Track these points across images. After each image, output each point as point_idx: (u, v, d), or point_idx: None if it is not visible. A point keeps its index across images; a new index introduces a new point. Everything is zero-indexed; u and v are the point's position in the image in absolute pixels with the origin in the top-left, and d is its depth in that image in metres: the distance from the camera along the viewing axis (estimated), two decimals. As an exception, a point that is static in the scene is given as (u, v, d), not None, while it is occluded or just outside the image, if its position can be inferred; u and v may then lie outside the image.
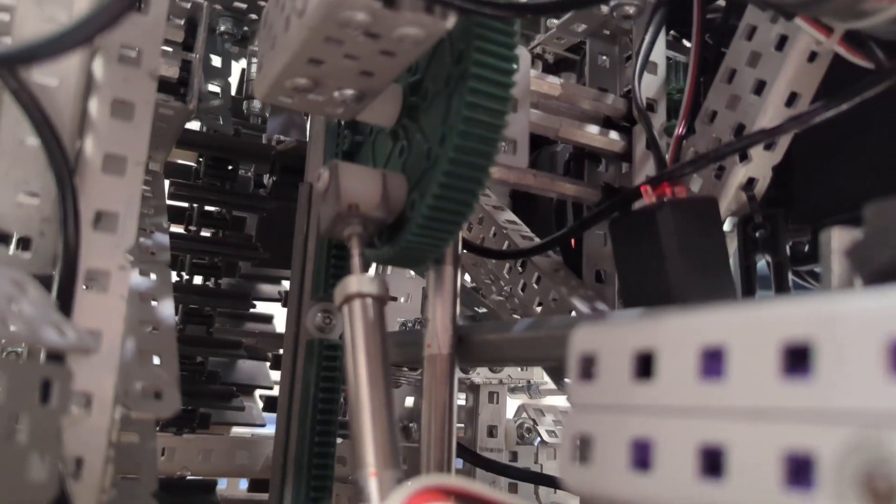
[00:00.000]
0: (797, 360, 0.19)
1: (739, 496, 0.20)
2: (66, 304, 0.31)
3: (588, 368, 0.26)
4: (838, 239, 0.31)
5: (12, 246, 0.33)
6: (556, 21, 0.64)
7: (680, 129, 0.49)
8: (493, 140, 0.39)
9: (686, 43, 0.57)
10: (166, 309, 0.41)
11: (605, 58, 0.55)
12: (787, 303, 0.20)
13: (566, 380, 0.50)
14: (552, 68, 0.67)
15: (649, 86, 0.51)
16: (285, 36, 0.37)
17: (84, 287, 0.33)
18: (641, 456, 0.23)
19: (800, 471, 0.18)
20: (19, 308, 0.28)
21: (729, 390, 0.21)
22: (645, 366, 0.24)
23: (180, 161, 0.65)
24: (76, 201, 0.32)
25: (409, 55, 0.36)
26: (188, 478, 0.57)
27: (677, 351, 0.22)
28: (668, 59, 0.55)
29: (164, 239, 0.48)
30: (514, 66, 0.38)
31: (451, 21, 0.34)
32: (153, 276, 0.43)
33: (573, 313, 0.49)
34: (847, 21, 0.34)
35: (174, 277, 0.65)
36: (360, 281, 0.39)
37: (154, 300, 0.42)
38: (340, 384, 0.53)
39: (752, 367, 0.20)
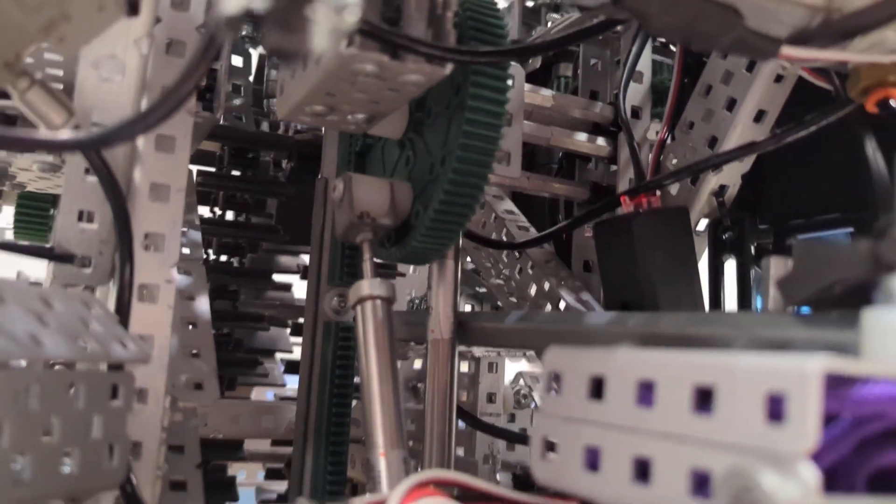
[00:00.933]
0: (705, 399, 0.25)
1: (660, 499, 0.26)
2: (124, 315, 0.38)
3: (555, 383, 0.32)
4: (775, 267, 0.36)
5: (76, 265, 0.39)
6: (555, 15, 0.69)
7: (662, 134, 0.54)
8: (488, 161, 0.44)
9: (672, 48, 0.62)
10: (202, 305, 0.47)
11: (596, 61, 0.60)
12: (702, 354, 0.26)
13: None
14: (552, 59, 0.71)
15: (635, 94, 0.55)
16: (304, 73, 0.42)
17: (137, 300, 0.39)
18: (592, 460, 0.29)
19: (702, 484, 0.24)
20: (91, 327, 0.34)
21: (656, 417, 0.26)
22: (597, 388, 0.30)
23: (204, 148, 0.70)
24: (129, 227, 0.38)
25: (413, 93, 0.41)
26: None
27: (621, 380, 0.28)
28: (655, 61, 0.59)
29: (197, 236, 0.53)
30: (506, 98, 0.43)
31: (448, 69, 0.38)
32: (190, 275, 0.49)
33: (561, 303, 0.55)
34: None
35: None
36: (371, 284, 0.45)
37: (191, 298, 0.47)
38: (354, 360, 0.59)
39: (673, 401, 0.26)
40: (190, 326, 0.45)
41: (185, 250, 0.51)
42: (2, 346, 0.27)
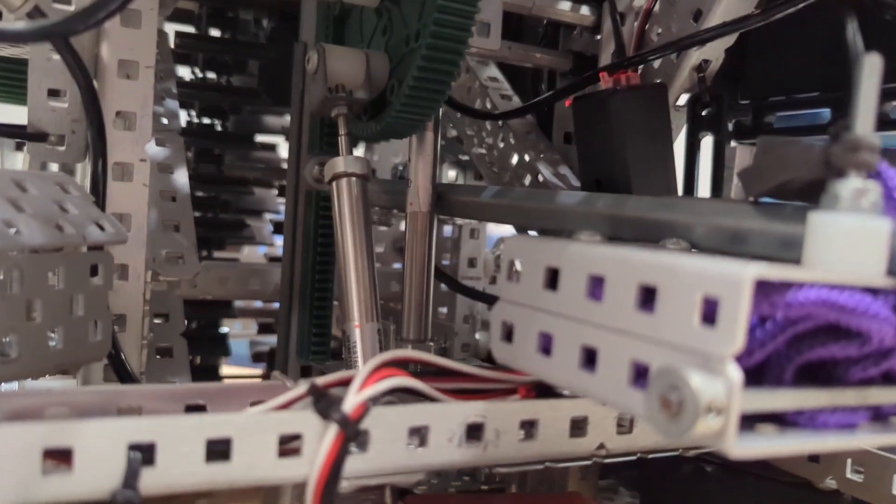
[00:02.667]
0: (650, 297, 0.26)
1: (604, 387, 0.28)
2: (100, 195, 0.38)
3: (514, 272, 0.33)
4: (740, 157, 0.36)
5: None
6: None
7: (648, 4, 0.53)
8: (464, 36, 0.43)
9: None
10: (181, 178, 0.48)
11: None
12: (650, 252, 0.27)
13: (531, 233, 0.57)
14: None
15: (622, -41, 0.53)
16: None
17: (112, 178, 0.40)
18: (546, 345, 0.31)
19: (641, 376, 0.26)
20: (67, 209, 0.35)
21: (604, 310, 0.28)
22: (552, 278, 0.31)
23: (181, 6, 0.68)
24: (98, 107, 0.38)
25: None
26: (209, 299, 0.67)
27: (574, 273, 0.30)
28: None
29: (174, 105, 0.53)
30: (483, -31, 0.42)
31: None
32: (167, 146, 0.49)
33: (539, 176, 0.55)
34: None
35: (184, 120, 0.71)
36: (346, 161, 0.46)
37: (170, 170, 0.48)
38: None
39: (619, 297, 0.27)
40: (170, 199, 0.46)
41: (163, 120, 0.51)
42: (-23, 236, 0.28)
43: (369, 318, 0.43)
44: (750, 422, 0.24)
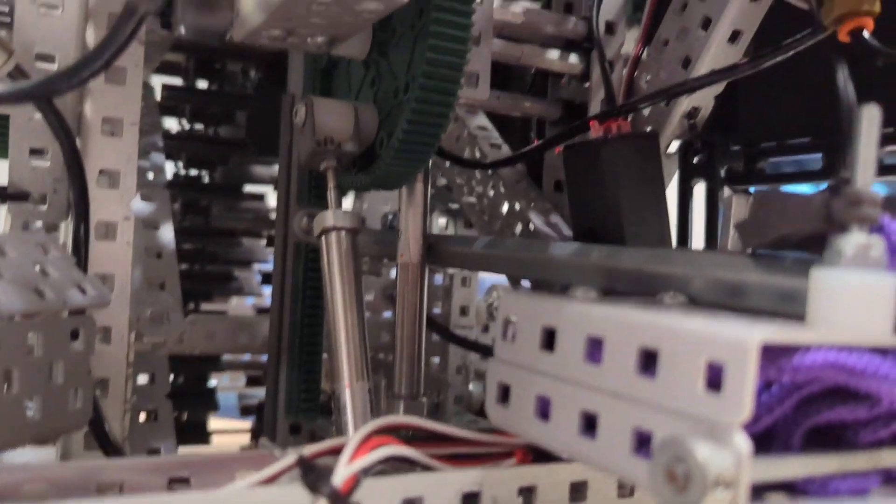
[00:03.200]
0: (651, 360, 0.25)
1: (605, 455, 0.26)
2: (82, 256, 0.37)
3: (510, 330, 0.32)
4: (736, 206, 0.36)
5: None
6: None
7: (637, 51, 0.53)
8: (453, 88, 0.43)
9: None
10: (167, 234, 0.47)
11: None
12: (650, 313, 0.26)
13: (522, 284, 0.57)
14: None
15: (610, 7, 0.53)
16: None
17: (95, 238, 0.39)
18: (543, 409, 0.30)
19: (644, 444, 0.25)
20: (46, 272, 0.34)
21: (603, 374, 0.27)
22: (549, 338, 0.30)
23: (169, 59, 0.68)
24: (81, 166, 0.37)
25: (372, 19, 0.40)
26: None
27: (572, 334, 0.29)
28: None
29: (160, 159, 0.52)
30: (471, 21, 0.41)
31: (408, -4, 0.37)
32: (153, 202, 0.48)
33: (530, 225, 0.55)
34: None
35: (170, 172, 0.70)
36: (336, 215, 0.45)
37: (155, 226, 0.47)
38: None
39: (619, 360, 0.26)
40: (155, 256, 0.45)
41: (149, 175, 0.50)
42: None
43: (360, 377, 0.42)
44: (759, 491, 0.23)
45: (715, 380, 0.23)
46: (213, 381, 0.83)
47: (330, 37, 0.44)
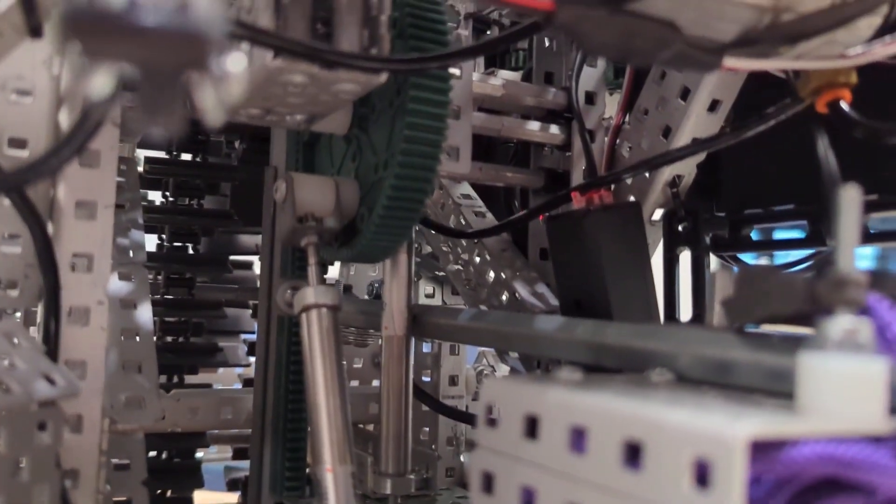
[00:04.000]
0: (636, 452, 0.24)
1: (591, 550, 0.25)
2: (52, 344, 0.36)
3: (491, 416, 0.31)
4: (720, 283, 0.35)
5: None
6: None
7: (617, 121, 0.53)
8: (432, 164, 0.42)
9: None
10: (145, 313, 0.46)
11: (551, 42, 0.57)
12: (634, 403, 0.25)
13: (509, 356, 0.56)
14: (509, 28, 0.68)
15: (589, 78, 0.54)
16: (235, 79, 0.40)
17: (67, 322, 0.38)
18: (528, 500, 0.28)
19: (632, 541, 0.24)
20: (13, 364, 0.33)
21: (587, 465, 0.26)
22: (532, 426, 0.29)
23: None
24: (52, 252, 0.36)
25: (349, 99, 0.40)
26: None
27: (555, 423, 0.28)
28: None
29: (140, 236, 0.51)
30: (448, 98, 0.41)
31: (383, 77, 0.37)
32: (131, 280, 0.47)
33: (516, 294, 0.54)
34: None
35: (153, 245, 0.69)
36: (316, 292, 0.44)
37: (133, 306, 0.46)
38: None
39: (603, 452, 0.25)
40: (133, 337, 0.44)
41: (129, 253, 0.50)
42: None
43: (342, 460, 0.41)
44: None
45: (703, 475, 0.22)
46: (199, 454, 0.81)
47: (309, 114, 0.44)
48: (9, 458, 0.31)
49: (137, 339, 0.45)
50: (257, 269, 0.86)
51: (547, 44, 0.58)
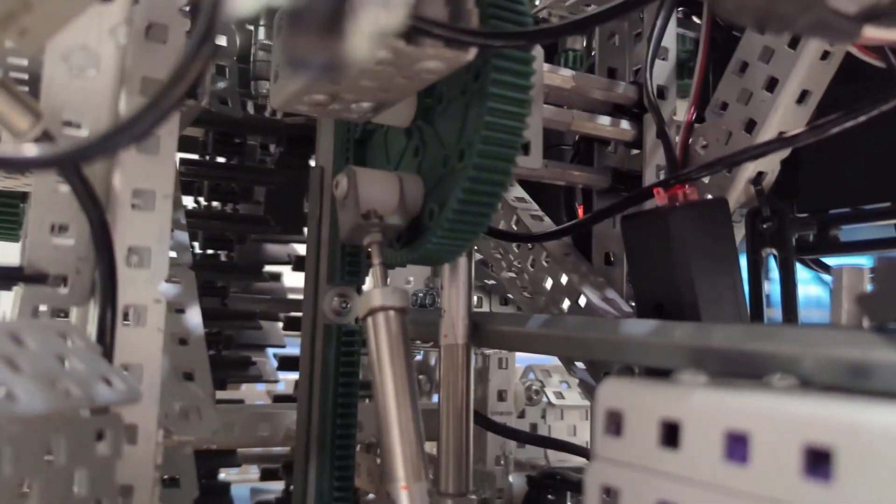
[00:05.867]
0: (819, 461, 0.21)
1: (761, 576, 0.22)
2: (107, 344, 0.33)
3: (615, 424, 0.28)
4: (848, 279, 0.32)
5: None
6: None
7: (690, 116, 0.50)
8: (512, 154, 0.39)
9: (696, 19, 0.57)
10: (194, 318, 0.43)
11: (614, 35, 0.55)
12: (814, 402, 0.22)
13: (577, 365, 0.52)
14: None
15: (660, 72, 0.51)
16: (304, 60, 0.37)
17: (122, 324, 0.34)
18: (667, 518, 0.25)
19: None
20: (71, 366, 0.29)
21: (752, 476, 0.22)
22: (671, 434, 0.25)
23: (186, 133, 0.65)
24: (110, 242, 0.33)
25: (429, 81, 0.37)
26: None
27: (702, 429, 0.24)
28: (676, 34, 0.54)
29: (184, 237, 0.48)
30: (531, 83, 0.38)
31: (472, 54, 0.34)
32: (179, 283, 0.44)
33: (581, 299, 0.51)
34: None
35: (187, 251, 0.66)
36: (384, 294, 0.41)
37: (181, 310, 0.43)
38: (359, 366, 0.54)
39: (775, 460, 0.22)
40: (182, 343, 0.41)
41: (172, 254, 0.46)
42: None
43: (417, 477, 0.37)
44: None
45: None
46: (222, 475, 0.77)
47: (377, 102, 0.41)
48: (66, 470, 0.28)
49: (187, 344, 0.41)
50: (286, 280, 0.83)
51: (609, 37, 0.55)
